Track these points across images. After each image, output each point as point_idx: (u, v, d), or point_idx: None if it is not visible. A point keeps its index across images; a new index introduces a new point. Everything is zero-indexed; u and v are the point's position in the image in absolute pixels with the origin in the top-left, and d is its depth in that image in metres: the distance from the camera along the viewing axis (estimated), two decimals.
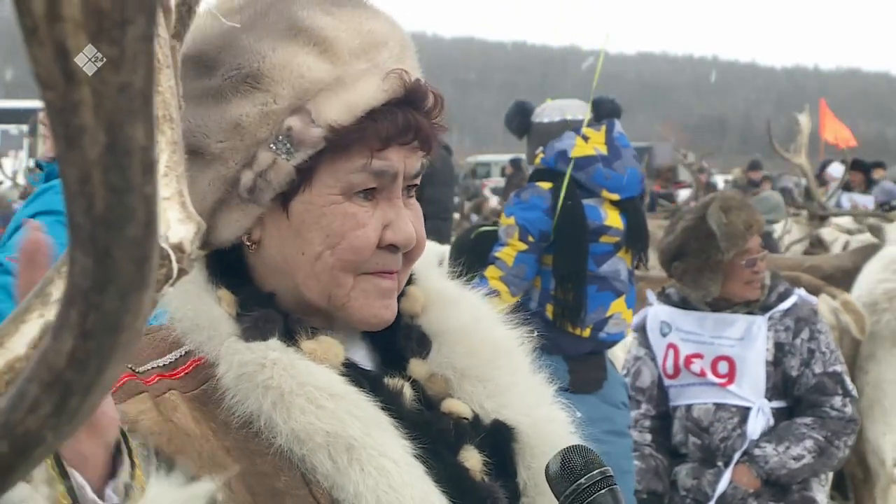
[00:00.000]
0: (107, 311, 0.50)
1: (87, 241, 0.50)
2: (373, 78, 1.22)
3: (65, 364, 0.51)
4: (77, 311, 0.50)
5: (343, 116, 1.19)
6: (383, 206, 1.25)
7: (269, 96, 1.19)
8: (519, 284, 3.92)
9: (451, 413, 1.28)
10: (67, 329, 0.50)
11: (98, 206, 0.50)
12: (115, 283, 0.50)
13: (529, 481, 1.30)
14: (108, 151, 0.50)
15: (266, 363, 1.18)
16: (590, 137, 4.02)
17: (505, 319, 1.39)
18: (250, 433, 1.17)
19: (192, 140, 1.20)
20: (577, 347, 3.97)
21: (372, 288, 1.25)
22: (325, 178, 1.22)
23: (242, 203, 1.22)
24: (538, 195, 3.97)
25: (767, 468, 3.90)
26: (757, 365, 3.98)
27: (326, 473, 1.15)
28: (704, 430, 4.04)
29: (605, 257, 3.99)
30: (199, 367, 1.22)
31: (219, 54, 1.21)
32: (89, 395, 0.51)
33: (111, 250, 0.50)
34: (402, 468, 1.16)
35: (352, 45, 1.22)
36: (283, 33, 1.20)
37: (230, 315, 1.23)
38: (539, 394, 1.36)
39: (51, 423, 0.52)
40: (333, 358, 1.23)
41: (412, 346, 1.32)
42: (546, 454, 1.28)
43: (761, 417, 3.97)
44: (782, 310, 4.02)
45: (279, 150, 1.19)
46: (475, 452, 1.26)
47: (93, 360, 0.51)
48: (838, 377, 3.98)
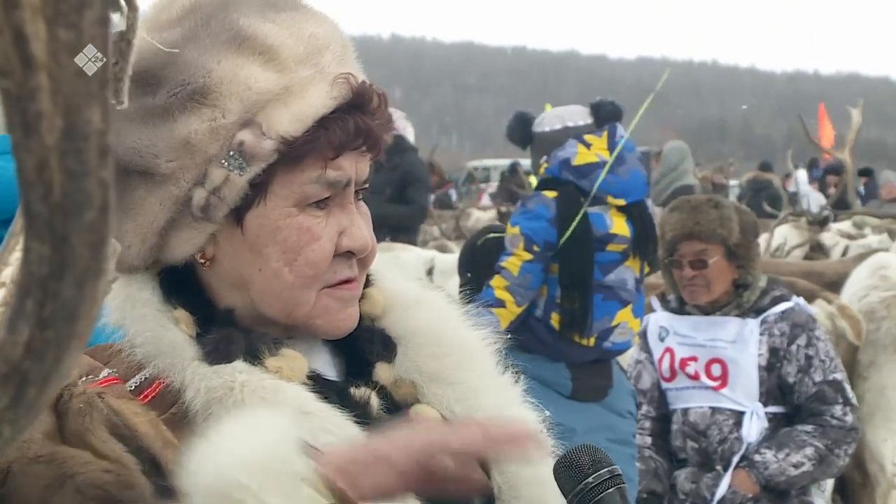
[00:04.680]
0: (64, 299, 0.49)
1: (43, 228, 0.49)
2: (320, 84, 1.19)
3: (21, 355, 0.50)
4: (33, 300, 0.49)
5: (294, 127, 1.16)
6: (336, 213, 1.23)
7: (217, 111, 1.16)
8: (524, 294, 3.90)
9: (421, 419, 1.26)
10: (23, 319, 0.49)
11: (56, 192, 0.49)
12: (72, 271, 0.49)
13: (504, 485, 1.28)
14: (66, 136, 0.49)
15: (234, 386, 1.16)
16: (592, 144, 3.98)
17: (470, 320, 1.36)
18: None
19: (140, 161, 1.17)
20: (581, 356, 3.93)
21: (334, 303, 1.23)
22: (279, 191, 1.19)
23: (195, 221, 1.19)
24: (543, 204, 3.94)
25: (767, 474, 3.89)
26: (749, 368, 3.97)
27: None
28: (701, 433, 4.03)
29: (612, 266, 3.95)
30: (164, 390, 1.19)
31: (162, 71, 1.18)
32: (47, 385, 0.51)
33: (69, 237, 0.49)
34: None
35: (296, 52, 1.19)
36: (226, 44, 1.17)
37: (190, 336, 1.20)
38: (509, 395, 1.34)
39: (8, 416, 0.51)
40: (299, 373, 1.21)
41: (377, 350, 1.30)
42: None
43: (756, 421, 3.96)
44: (776, 313, 4.01)
45: (231, 166, 1.16)
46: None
47: (50, 349, 0.50)
48: (838, 385, 3.97)
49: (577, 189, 3.93)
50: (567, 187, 3.94)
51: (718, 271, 4.02)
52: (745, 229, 4.07)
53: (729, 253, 4.02)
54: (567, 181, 3.94)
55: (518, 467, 1.28)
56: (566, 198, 3.92)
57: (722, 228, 4.00)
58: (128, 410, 1.13)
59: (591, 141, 3.98)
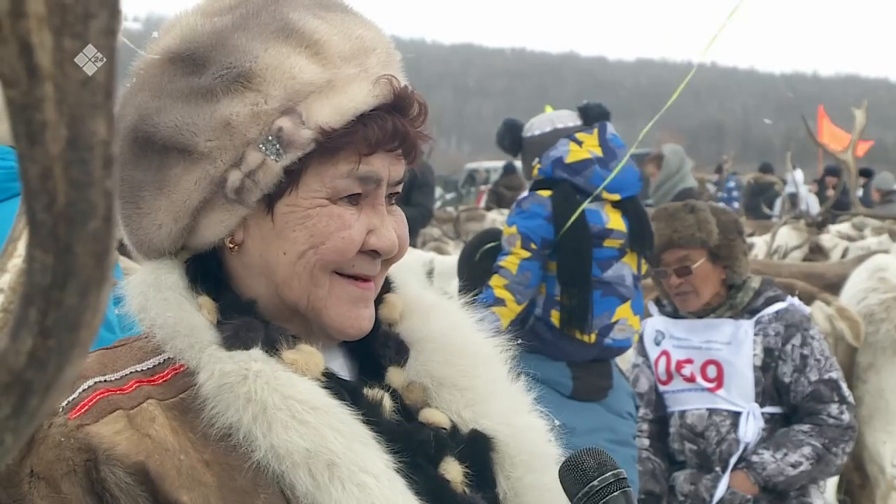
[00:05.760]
0: (67, 307, 0.49)
1: (47, 237, 0.49)
2: (363, 82, 1.21)
3: (24, 364, 0.50)
4: (36, 309, 0.49)
5: (334, 119, 1.19)
6: (367, 211, 1.24)
7: (260, 96, 1.18)
8: (524, 292, 3.91)
9: (430, 423, 1.27)
10: (26, 328, 0.49)
11: (60, 202, 0.49)
12: (75, 279, 0.49)
13: (509, 491, 1.29)
14: (70, 146, 0.49)
15: (248, 374, 1.16)
16: (583, 141, 4.02)
17: (483, 327, 1.37)
18: (229, 446, 1.15)
19: (180, 138, 1.20)
20: (582, 354, 3.93)
21: (345, 295, 1.24)
22: (312, 182, 1.21)
23: (228, 203, 1.21)
24: (538, 203, 3.97)
25: (765, 475, 3.89)
26: (745, 369, 3.98)
27: (306, 491, 1.14)
28: (699, 435, 4.04)
29: (610, 262, 3.96)
30: (178, 375, 1.20)
31: (209, 53, 1.20)
32: (49, 394, 0.51)
33: (72, 246, 0.49)
34: (382, 483, 1.15)
35: (342, 49, 1.22)
36: (275, 34, 1.20)
37: (211, 323, 1.22)
38: (517, 402, 1.35)
39: (10, 425, 0.51)
40: (314, 368, 1.22)
41: (390, 354, 1.31)
42: (525, 462, 1.28)
43: (752, 422, 3.96)
44: (770, 314, 4.01)
45: (268, 151, 1.19)
46: (455, 464, 1.25)
47: (53, 358, 0.50)
48: (834, 384, 3.97)
49: (571, 186, 3.96)
50: (562, 185, 3.97)
51: (704, 275, 4.03)
52: (724, 229, 4.08)
53: (712, 255, 4.03)
54: (561, 179, 3.97)
55: (523, 473, 1.28)
56: (562, 195, 3.95)
57: (700, 232, 4.01)
58: (107, 433, 1.13)
59: (582, 139, 4.02)
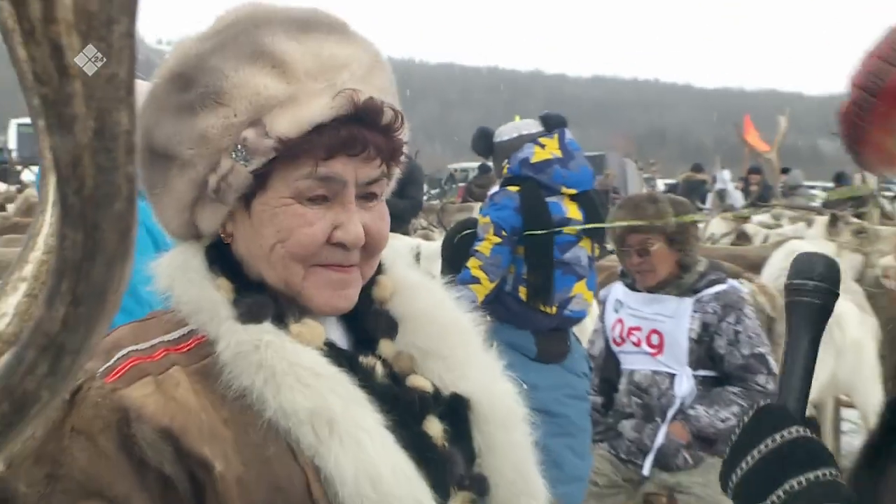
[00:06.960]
0: (95, 279, 0.47)
1: (77, 217, 0.47)
2: (325, 97, 1.18)
3: (59, 329, 0.48)
4: (68, 280, 0.47)
5: (291, 129, 1.16)
6: (336, 209, 1.22)
7: (230, 111, 1.17)
8: (496, 272, 3.97)
9: (416, 387, 1.27)
10: (59, 297, 0.47)
11: (88, 186, 0.47)
12: (102, 254, 0.47)
13: (483, 445, 1.28)
14: (97, 136, 0.47)
15: (260, 344, 1.16)
16: (546, 145, 4.11)
17: (461, 304, 1.37)
18: (244, 405, 1.14)
19: (171, 147, 1.20)
20: (544, 323, 4.01)
21: (322, 280, 1.22)
22: (278, 184, 1.20)
23: (212, 202, 1.22)
24: (508, 197, 4.04)
25: (698, 426, 3.93)
26: (681, 339, 4.00)
27: (309, 444, 1.13)
28: (644, 391, 4.07)
29: (568, 246, 4.05)
30: (200, 344, 1.19)
31: (194, 73, 1.19)
32: (79, 355, 0.49)
33: (99, 224, 0.47)
34: (375, 439, 1.14)
35: (308, 67, 1.18)
36: (247, 56, 1.18)
37: (228, 300, 1.21)
38: (490, 368, 1.34)
39: (47, 382, 0.49)
40: (317, 339, 1.21)
41: (382, 328, 1.30)
42: (497, 420, 1.27)
43: (686, 382, 4.00)
44: (710, 294, 4.03)
45: (237, 158, 1.18)
46: (437, 422, 1.24)
47: (82, 324, 0.48)
48: (763, 358, 3.98)
49: (536, 182, 4.03)
50: (528, 182, 4.04)
51: (661, 256, 4.05)
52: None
53: (668, 240, 4.05)
54: (527, 177, 4.04)
55: (495, 431, 1.28)
56: (528, 190, 4.02)
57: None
58: (137, 396, 1.11)
59: (545, 143, 4.10)
